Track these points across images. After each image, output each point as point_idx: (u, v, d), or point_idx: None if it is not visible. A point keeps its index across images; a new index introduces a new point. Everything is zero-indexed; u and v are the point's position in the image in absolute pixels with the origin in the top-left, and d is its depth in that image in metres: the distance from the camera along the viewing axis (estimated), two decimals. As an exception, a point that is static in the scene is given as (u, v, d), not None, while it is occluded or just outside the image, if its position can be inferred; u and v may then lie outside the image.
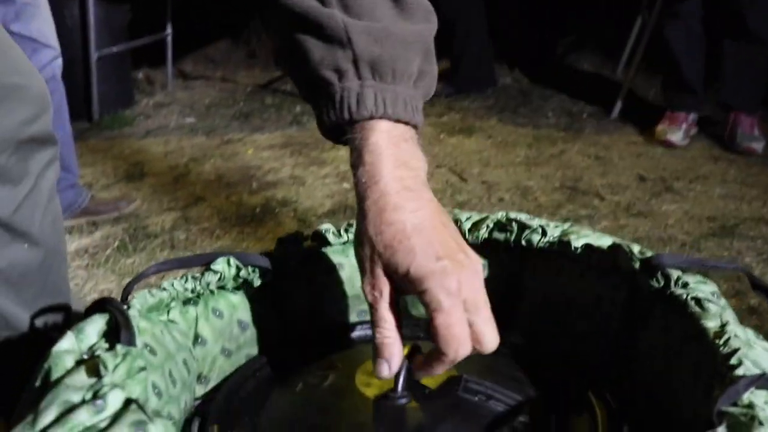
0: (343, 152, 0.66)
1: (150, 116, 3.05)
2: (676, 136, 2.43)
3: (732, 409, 0.43)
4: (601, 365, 0.64)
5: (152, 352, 0.53)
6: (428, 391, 0.58)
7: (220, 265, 0.64)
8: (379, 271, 0.53)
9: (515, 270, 0.71)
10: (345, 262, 0.72)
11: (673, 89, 2.52)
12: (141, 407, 0.40)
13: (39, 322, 0.76)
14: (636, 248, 0.63)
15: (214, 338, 0.63)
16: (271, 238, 1.83)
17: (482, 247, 0.71)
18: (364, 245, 0.54)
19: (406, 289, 0.53)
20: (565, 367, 0.65)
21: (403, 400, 0.56)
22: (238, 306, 0.66)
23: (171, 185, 2.25)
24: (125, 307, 0.53)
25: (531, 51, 3.53)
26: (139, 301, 0.56)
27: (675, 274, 0.60)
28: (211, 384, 0.63)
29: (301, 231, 0.70)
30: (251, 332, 0.67)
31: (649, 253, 0.63)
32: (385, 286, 0.53)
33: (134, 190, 2.20)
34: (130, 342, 0.47)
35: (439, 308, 0.50)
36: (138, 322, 0.54)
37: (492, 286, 0.72)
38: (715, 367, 0.50)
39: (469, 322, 0.52)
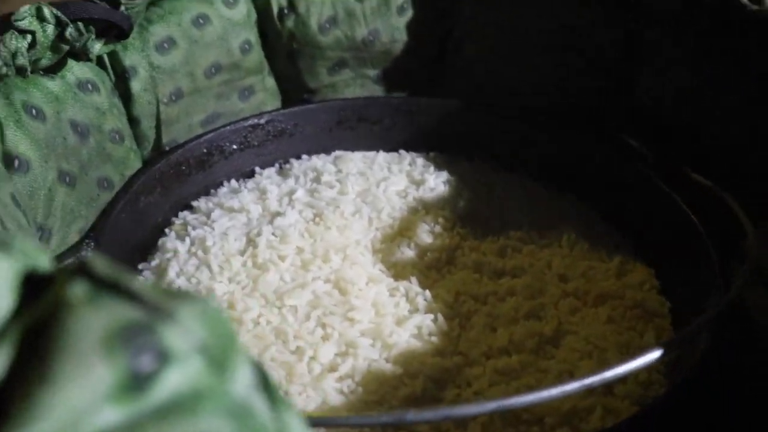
0: None
1: None
2: None
3: None
4: (604, 116, 0.48)
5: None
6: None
7: (27, 20, 0.34)
8: None
9: (452, 4, 0.51)
10: (210, 12, 0.45)
11: None
12: (110, 281, 0.15)
13: None
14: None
15: (40, 156, 0.35)
16: None
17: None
18: None
19: None
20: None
21: None
22: (63, 98, 0.37)
23: None
24: None
25: None
26: None
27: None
28: (57, 236, 0.36)
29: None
30: (95, 141, 0.39)
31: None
32: None
33: None
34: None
35: None
36: None
37: (420, 32, 0.51)
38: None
39: None
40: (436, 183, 0.46)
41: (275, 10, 0.49)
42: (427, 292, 0.37)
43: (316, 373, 0.32)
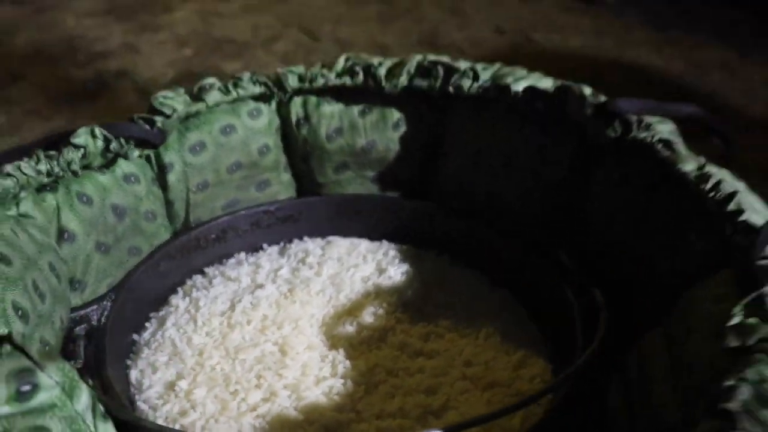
0: (179, 15, 0.54)
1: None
2: (529, -13, 2.38)
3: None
4: (548, 225, 0.57)
5: (4, 260, 0.39)
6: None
7: (82, 137, 0.49)
8: None
9: (437, 125, 0.61)
10: (237, 123, 0.58)
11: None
12: (19, 347, 0.27)
13: None
14: (587, 90, 0.55)
15: (84, 231, 0.49)
16: (110, 113, 1.60)
17: (400, 98, 0.60)
18: None
19: None
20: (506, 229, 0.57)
21: None
22: (110, 188, 0.52)
23: (-21, 63, 1.92)
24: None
25: None
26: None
27: (634, 118, 0.52)
28: (89, 288, 0.50)
29: (176, 88, 0.56)
30: (131, 220, 0.53)
31: (602, 98, 0.54)
32: None
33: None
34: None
35: None
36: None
37: (411, 145, 0.62)
38: (703, 216, 0.44)
39: None
40: (396, 273, 0.56)
41: (294, 120, 0.61)
42: (348, 362, 0.48)
43: (241, 411, 0.44)
